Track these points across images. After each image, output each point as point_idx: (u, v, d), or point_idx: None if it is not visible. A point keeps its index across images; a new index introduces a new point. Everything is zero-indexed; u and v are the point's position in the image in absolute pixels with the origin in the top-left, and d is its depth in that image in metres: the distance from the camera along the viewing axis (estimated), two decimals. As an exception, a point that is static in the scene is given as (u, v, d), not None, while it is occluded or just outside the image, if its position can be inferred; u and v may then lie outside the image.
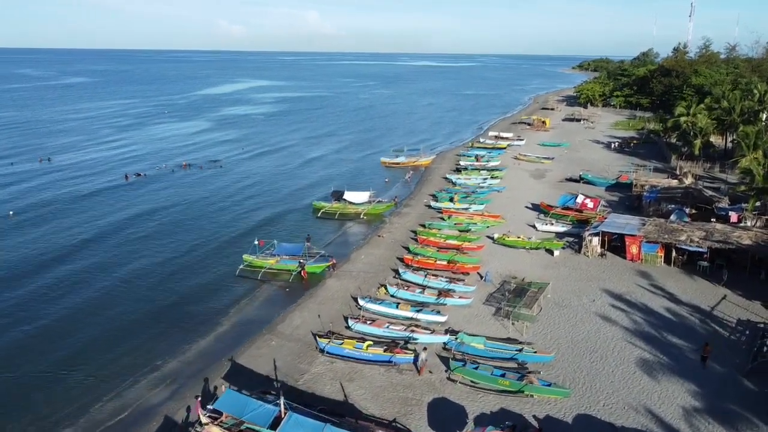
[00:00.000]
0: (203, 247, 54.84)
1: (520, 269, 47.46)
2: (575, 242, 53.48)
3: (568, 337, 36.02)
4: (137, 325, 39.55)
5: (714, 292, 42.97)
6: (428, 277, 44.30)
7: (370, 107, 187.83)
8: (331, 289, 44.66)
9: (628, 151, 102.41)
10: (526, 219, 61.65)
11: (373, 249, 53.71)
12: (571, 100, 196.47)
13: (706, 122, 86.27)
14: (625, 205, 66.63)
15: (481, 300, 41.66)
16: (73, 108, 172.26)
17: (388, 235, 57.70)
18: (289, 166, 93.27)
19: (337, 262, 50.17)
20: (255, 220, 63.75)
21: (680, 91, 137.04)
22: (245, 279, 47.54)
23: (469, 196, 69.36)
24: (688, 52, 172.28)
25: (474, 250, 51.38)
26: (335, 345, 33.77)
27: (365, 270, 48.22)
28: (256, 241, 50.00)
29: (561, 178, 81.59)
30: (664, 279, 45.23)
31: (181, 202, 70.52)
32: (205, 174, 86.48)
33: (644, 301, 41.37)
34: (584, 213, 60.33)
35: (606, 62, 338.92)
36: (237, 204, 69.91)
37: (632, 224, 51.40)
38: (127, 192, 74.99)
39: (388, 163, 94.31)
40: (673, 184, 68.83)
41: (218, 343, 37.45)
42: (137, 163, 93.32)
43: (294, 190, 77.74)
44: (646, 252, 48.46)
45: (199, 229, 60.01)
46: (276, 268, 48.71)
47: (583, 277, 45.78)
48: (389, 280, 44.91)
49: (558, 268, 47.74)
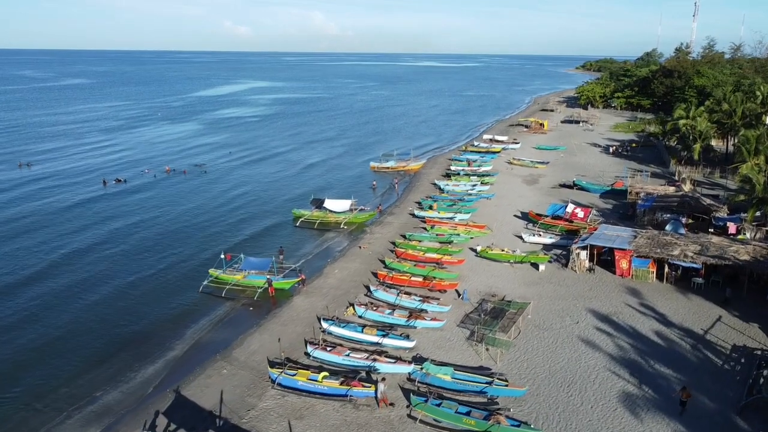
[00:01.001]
0: (170, 260, 51.99)
1: (501, 286, 44.44)
2: (563, 255, 50.43)
3: (546, 366, 32.96)
4: (83, 349, 36.75)
5: (708, 312, 39.84)
6: (401, 296, 41.29)
7: (366, 109, 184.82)
8: (297, 308, 41.73)
9: (626, 155, 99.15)
10: (513, 229, 58.62)
11: (349, 262, 50.74)
12: (571, 101, 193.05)
13: (706, 126, 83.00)
14: (618, 214, 63.50)
15: (455, 321, 38.66)
16: (64, 110, 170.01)
17: (368, 246, 54.77)
18: (274, 171, 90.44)
19: (309, 277, 47.27)
20: (230, 229, 60.90)
21: (682, 93, 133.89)
22: (209, 296, 44.67)
23: (455, 204, 66.31)
24: (690, 52, 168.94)
25: (454, 264, 48.34)
26: (287, 376, 30.80)
27: (337, 286, 45.27)
28: (223, 254, 47.10)
29: (554, 183, 78.48)
30: (655, 297, 42.13)
31: (155, 209, 67.78)
32: (187, 179, 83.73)
33: (632, 322, 38.29)
34: (574, 223, 57.24)
35: (610, 62, 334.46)
36: (214, 212, 67.10)
37: (623, 237, 48.29)
38: (102, 200, 72.17)
39: (377, 168, 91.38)
40: (669, 192, 65.61)
41: (167, 370, 34.58)
42: (120, 168, 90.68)
43: (276, 196, 74.90)
44: (636, 267, 45.36)
45: (170, 240, 57.23)
46: (242, 284, 45.88)
47: (569, 295, 42.71)
48: (359, 299, 42.00)
49: (542, 285, 44.69)
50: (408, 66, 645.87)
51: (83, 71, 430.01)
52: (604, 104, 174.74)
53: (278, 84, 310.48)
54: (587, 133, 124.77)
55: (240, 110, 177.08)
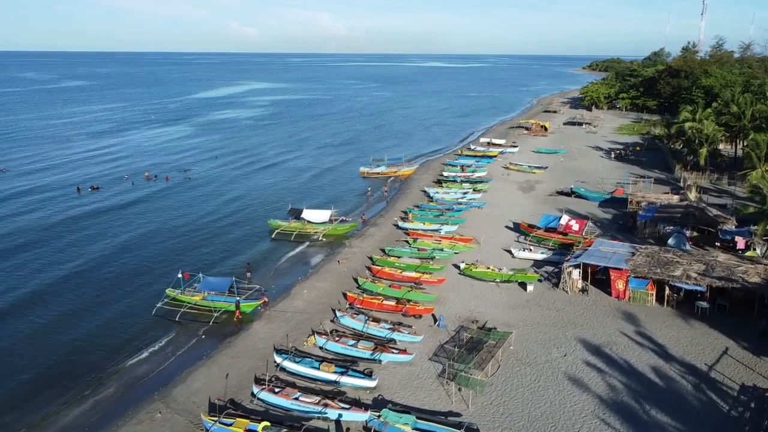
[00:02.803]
0: (126, 277, 47.93)
1: (483, 310, 40.18)
2: (554, 273, 46.10)
3: (525, 412, 28.68)
4: (8, 382, 32.76)
5: (714, 343, 35.42)
6: (369, 323, 37.06)
7: (364, 111, 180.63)
8: (254, 337, 37.62)
9: (629, 158, 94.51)
10: (504, 242, 54.31)
11: (321, 280, 46.56)
12: (575, 102, 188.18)
13: (713, 129, 78.28)
14: (618, 225, 59.08)
15: (428, 353, 34.45)
16: (57, 113, 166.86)
17: (345, 261, 50.58)
18: (260, 177, 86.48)
19: (274, 298, 43.31)
20: (201, 242, 56.75)
21: (689, 93, 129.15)
22: (161, 320, 40.61)
23: (443, 214, 61.98)
24: (698, 51, 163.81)
25: (433, 284, 44.09)
26: (223, 426, 26.68)
27: (303, 309, 41.11)
28: (180, 273, 43.08)
29: (552, 191, 74.04)
30: (654, 324, 37.74)
31: (121, 220, 63.83)
32: (167, 186, 79.86)
33: (627, 355, 33.93)
34: (569, 236, 52.85)
35: (617, 62, 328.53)
36: (187, 223, 63.03)
37: (619, 254, 43.89)
38: (71, 209, 68.17)
39: (367, 174, 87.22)
40: (673, 201, 61.05)
41: (95, 413, 30.43)
42: (100, 174, 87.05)
43: (256, 204, 70.85)
44: (634, 289, 40.96)
45: (131, 255, 53.16)
46: (201, 305, 41.81)
47: (558, 321, 38.38)
48: (324, 325, 37.82)
49: (529, 308, 40.39)
50: (414, 66, 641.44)
51: (86, 73, 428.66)
52: (608, 105, 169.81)
53: (279, 85, 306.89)
54: (590, 136, 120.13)
55: (236, 112, 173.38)
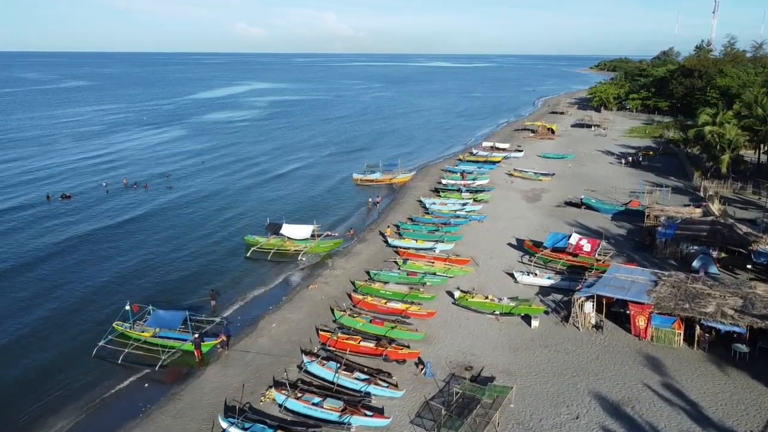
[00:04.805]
0: (72, 308, 41.80)
1: (480, 353, 34.05)
2: (563, 303, 39.94)
3: (527, 503, 22.60)
4: None
5: (759, 398, 29.19)
6: (340, 372, 30.91)
7: (365, 112, 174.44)
8: (205, 386, 31.59)
9: (643, 164, 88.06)
10: (506, 263, 48.15)
11: (293, 311, 40.47)
12: (583, 103, 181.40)
13: (736, 133, 71.83)
14: (633, 242, 52.78)
15: (410, 412, 28.39)
16: (48, 114, 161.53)
17: (315, 287, 44.35)
18: (247, 184, 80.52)
19: (238, 334, 37.39)
20: (169, 262, 50.55)
21: (703, 94, 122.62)
22: (102, 362, 34.60)
23: (438, 230, 55.76)
24: (712, 50, 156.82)
25: (423, 317, 37.98)
26: None
27: (268, 350, 35.02)
28: (128, 304, 37.19)
29: (559, 201, 67.80)
30: (684, 373, 31.50)
31: (86, 235, 57.82)
32: (143, 195, 73.97)
33: (653, 418, 27.73)
34: (579, 257, 46.63)
35: (625, 62, 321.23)
36: (158, 239, 56.81)
37: (639, 283, 37.62)
38: (34, 220, 62.46)
39: (360, 181, 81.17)
40: (696, 215, 54.76)
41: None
42: (77, 180, 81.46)
43: (239, 215, 64.86)
44: (658, 326, 34.71)
45: (85, 279, 46.90)
46: (151, 343, 35.88)
47: (568, 368, 32.21)
48: (289, 373, 31.77)
49: (534, 350, 34.23)
50: (419, 66, 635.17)
51: (89, 73, 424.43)
52: (618, 106, 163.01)
53: (280, 85, 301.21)
54: (599, 139, 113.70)
55: (232, 113, 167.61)
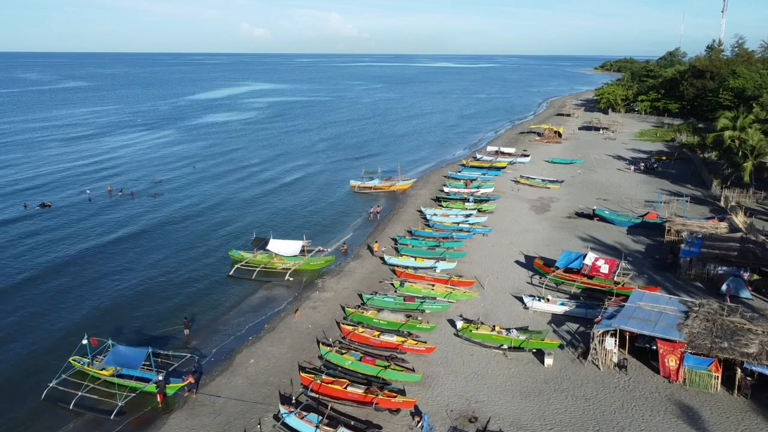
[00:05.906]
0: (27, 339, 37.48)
1: (486, 398, 29.47)
2: (579, 335, 35.34)
3: None
4: None
5: (816, 463, 24.61)
6: (322, 428, 26.36)
7: (365, 114, 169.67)
8: (166, 441, 27.17)
9: (657, 171, 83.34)
10: (513, 284, 43.56)
11: (275, 344, 35.91)
12: (590, 104, 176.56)
13: (759, 139, 67.09)
14: (654, 260, 48.13)
15: (403, 479, 23.87)
16: (41, 116, 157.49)
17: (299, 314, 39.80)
18: (239, 190, 76.16)
19: (210, 372, 32.89)
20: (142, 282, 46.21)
21: (716, 96, 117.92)
22: (52, 406, 30.17)
23: (438, 246, 51.09)
24: (723, 50, 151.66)
25: (421, 352, 33.41)
26: None
27: (241, 395, 30.46)
28: (86, 338, 32.76)
29: (570, 211, 63.17)
30: (725, 428, 26.89)
31: (58, 251, 53.37)
32: (128, 203, 69.62)
33: (694, 489, 23.18)
34: (596, 279, 42.02)
35: (630, 63, 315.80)
36: (136, 255, 52.38)
37: (668, 315, 32.98)
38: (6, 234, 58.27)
39: (358, 188, 76.64)
40: (721, 230, 50.03)
41: None
42: (60, 186, 77.38)
43: (227, 227, 60.45)
44: (692, 368, 30.07)
45: (43, 304, 42.49)
46: (111, 383, 31.39)
47: (589, 420, 27.62)
48: (263, 426, 27.24)
49: (548, 396, 29.63)
50: (422, 67, 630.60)
51: (90, 74, 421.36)
52: (626, 108, 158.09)
53: (282, 86, 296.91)
54: (608, 143, 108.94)
55: (229, 115, 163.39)
